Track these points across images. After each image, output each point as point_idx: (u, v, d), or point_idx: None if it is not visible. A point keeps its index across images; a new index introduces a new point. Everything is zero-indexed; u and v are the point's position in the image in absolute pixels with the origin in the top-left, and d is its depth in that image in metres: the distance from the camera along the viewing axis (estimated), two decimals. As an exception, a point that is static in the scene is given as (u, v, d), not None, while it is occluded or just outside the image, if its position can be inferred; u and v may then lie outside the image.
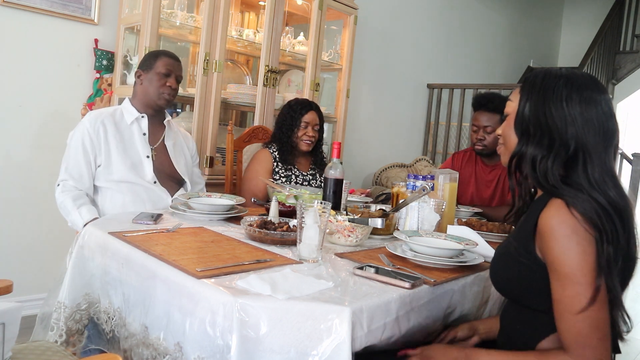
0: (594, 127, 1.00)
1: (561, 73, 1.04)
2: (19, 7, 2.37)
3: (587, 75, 1.05)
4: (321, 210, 1.26)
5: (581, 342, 0.92)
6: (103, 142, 1.91)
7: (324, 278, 1.13)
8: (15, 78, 2.41)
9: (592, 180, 0.98)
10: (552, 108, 1.01)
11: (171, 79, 2.02)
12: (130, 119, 2.00)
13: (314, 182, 2.40)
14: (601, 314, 0.92)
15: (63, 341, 1.36)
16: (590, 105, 1.00)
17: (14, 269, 2.45)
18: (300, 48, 3.16)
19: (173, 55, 2.07)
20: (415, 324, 1.13)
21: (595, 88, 1.02)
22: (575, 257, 0.93)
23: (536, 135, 1.03)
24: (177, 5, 2.60)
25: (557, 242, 0.95)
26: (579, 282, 0.92)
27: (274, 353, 0.96)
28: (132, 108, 2.03)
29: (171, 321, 1.09)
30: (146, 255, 1.22)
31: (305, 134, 2.35)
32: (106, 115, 1.97)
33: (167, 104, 2.05)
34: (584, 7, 7.35)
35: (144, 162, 1.98)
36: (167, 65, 2.02)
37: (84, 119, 1.95)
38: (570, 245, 0.93)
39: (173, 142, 2.12)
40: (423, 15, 4.63)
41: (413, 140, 4.76)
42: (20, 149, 2.46)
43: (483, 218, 2.20)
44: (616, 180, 1.00)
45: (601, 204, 0.95)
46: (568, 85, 1.02)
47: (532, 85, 1.06)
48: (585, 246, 0.93)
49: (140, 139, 2.00)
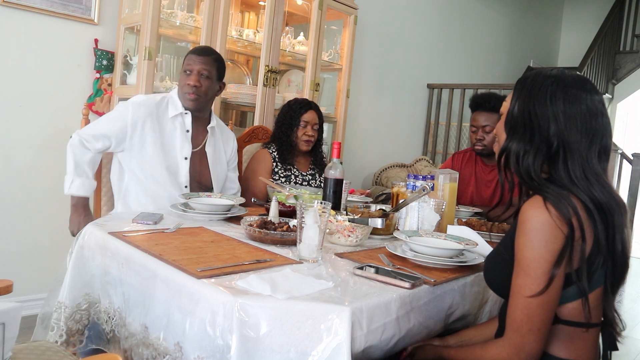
0: (576, 125, 1.01)
1: (550, 73, 1.07)
2: (19, 7, 2.37)
3: (576, 75, 1.06)
4: (321, 210, 1.26)
5: (513, 327, 0.99)
6: (139, 130, 1.87)
7: (324, 278, 1.13)
8: (15, 78, 2.41)
9: (574, 177, 1.00)
10: (537, 105, 1.04)
11: (192, 76, 1.92)
12: (174, 113, 1.94)
13: (313, 182, 2.40)
14: (540, 309, 0.97)
15: (63, 341, 1.36)
16: (575, 104, 1.02)
17: (14, 269, 2.45)
18: (300, 48, 3.16)
19: (201, 50, 1.97)
20: (416, 324, 1.13)
21: (582, 87, 1.04)
22: (535, 250, 0.96)
23: (519, 131, 1.06)
24: (177, 5, 2.60)
25: (524, 233, 0.98)
26: (529, 274, 0.97)
27: (274, 353, 0.96)
28: (178, 101, 1.96)
29: (171, 321, 1.09)
30: (146, 255, 1.22)
31: (305, 133, 2.35)
32: (150, 103, 1.91)
33: (193, 104, 1.95)
34: (584, 7, 7.35)
35: (180, 164, 1.94)
36: (190, 62, 1.93)
37: (130, 100, 1.92)
38: (535, 238, 0.96)
39: (213, 147, 2.07)
40: (423, 15, 4.63)
41: (413, 140, 4.76)
42: (20, 149, 2.46)
43: (483, 218, 2.20)
44: (601, 178, 1.01)
45: (582, 201, 0.98)
46: (554, 83, 1.04)
47: (522, 85, 1.09)
48: (549, 242, 0.95)
49: (181, 137, 1.95)
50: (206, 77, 1.94)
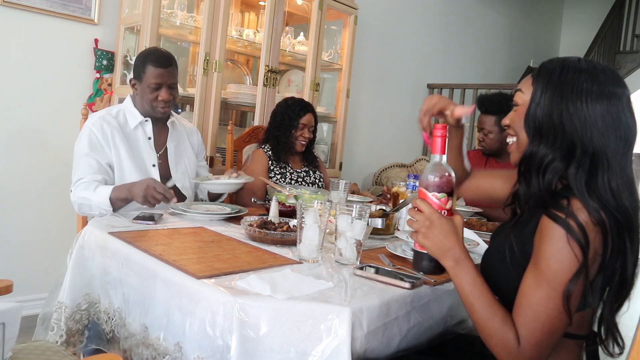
0: (615, 130, 0.91)
1: (581, 67, 0.94)
2: (19, 7, 2.37)
3: (608, 69, 0.95)
4: (321, 210, 1.26)
5: (531, 342, 0.90)
6: (112, 144, 1.83)
7: (324, 278, 1.13)
8: (15, 78, 2.41)
9: (610, 189, 0.90)
10: (571, 108, 0.92)
11: (163, 91, 1.87)
12: (134, 123, 1.91)
13: (308, 179, 2.43)
14: (557, 322, 0.90)
15: (63, 341, 1.36)
16: (613, 105, 0.91)
17: (14, 269, 2.45)
18: (300, 48, 3.16)
19: (162, 60, 1.87)
20: (416, 324, 1.13)
21: (617, 82, 0.93)
22: (564, 261, 0.88)
23: (549, 137, 0.94)
24: (177, 5, 2.60)
25: (552, 239, 0.89)
26: (554, 288, 0.88)
27: (274, 353, 0.96)
28: (135, 110, 1.93)
29: (171, 321, 1.09)
30: (146, 255, 1.22)
31: (302, 135, 2.38)
32: (109, 118, 1.87)
33: (164, 114, 1.94)
34: (584, 7, 7.35)
35: (151, 171, 1.91)
36: (156, 77, 1.85)
37: (86, 122, 1.86)
38: (565, 247, 0.87)
39: (176, 141, 2.04)
40: (423, 15, 4.63)
41: (413, 140, 4.75)
42: (20, 148, 2.46)
43: (483, 218, 2.20)
44: (633, 187, 0.92)
45: (614, 217, 0.89)
46: (589, 81, 0.92)
47: (547, 78, 0.96)
48: (578, 254, 0.87)
49: (145, 145, 1.92)
50: (174, 88, 1.92)
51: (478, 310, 0.95)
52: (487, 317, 0.94)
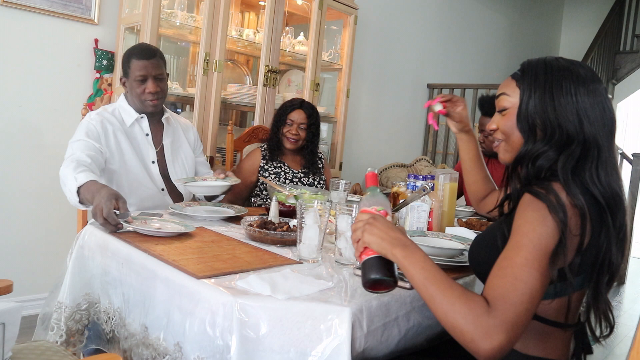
0: (602, 120, 0.96)
1: (561, 64, 0.99)
2: (19, 7, 2.37)
3: (585, 66, 1.01)
4: (321, 210, 1.26)
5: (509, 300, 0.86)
6: (112, 138, 1.83)
7: (324, 278, 1.13)
8: (15, 78, 2.41)
9: (601, 177, 0.94)
10: (562, 103, 0.96)
11: (149, 83, 1.86)
12: (130, 121, 1.91)
13: (305, 180, 2.40)
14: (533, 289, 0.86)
15: (63, 341, 1.36)
16: (597, 98, 0.96)
17: (14, 269, 2.45)
18: (300, 48, 3.16)
19: (145, 52, 1.86)
20: (415, 325, 1.13)
21: (596, 79, 0.98)
22: (543, 228, 0.88)
23: (547, 133, 0.97)
24: (177, 5, 2.60)
25: (533, 209, 0.90)
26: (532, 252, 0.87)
27: (274, 353, 0.96)
28: (129, 108, 1.92)
29: (171, 321, 1.09)
30: (146, 255, 1.22)
31: (289, 132, 2.35)
32: (107, 115, 1.88)
33: (155, 108, 1.93)
34: (584, 7, 7.35)
35: (151, 168, 1.92)
36: (140, 69, 1.84)
37: (84, 119, 1.86)
38: (546, 216, 0.88)
39: (172, 137, 2.03)
40: (423, 15, 4.63)
41: (413, 140, 4.76)
42: (20, 149, 2.46)
43: (483, 218, 2.20)
44: (620, 174, 0.98)
45: (597, 203, 0.93)
46: (572, 77, 0.97)
47: (533, 78, 0.99)
48: (558, 223, 0.88)
49: (144, 142, 1.93)
50: (161, 79, 1.91)
51: (438, 294, 0.88)
52: (449, 297, 0.88)
